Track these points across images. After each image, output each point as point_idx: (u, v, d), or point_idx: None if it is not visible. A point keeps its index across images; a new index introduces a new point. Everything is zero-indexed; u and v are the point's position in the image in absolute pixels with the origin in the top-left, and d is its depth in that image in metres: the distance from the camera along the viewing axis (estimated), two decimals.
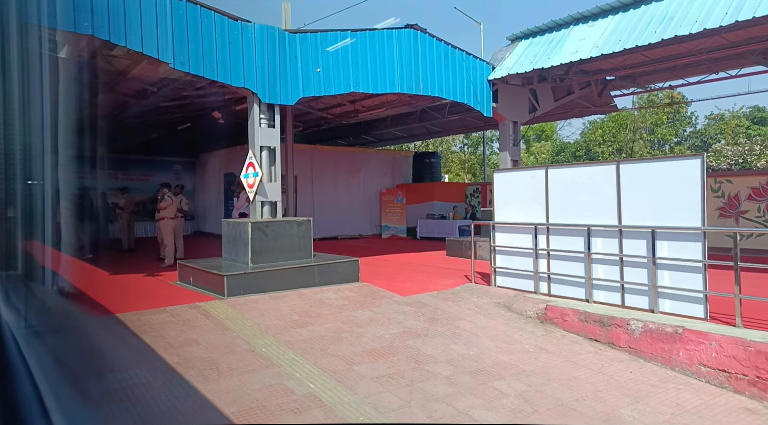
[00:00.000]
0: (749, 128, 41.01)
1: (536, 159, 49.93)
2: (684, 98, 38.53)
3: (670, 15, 7.85)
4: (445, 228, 16.17)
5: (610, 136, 44.10)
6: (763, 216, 10.67)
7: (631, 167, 5.67)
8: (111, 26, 6.42)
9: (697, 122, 47.51)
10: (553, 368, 4.76)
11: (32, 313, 1.74)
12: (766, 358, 4.21)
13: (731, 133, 39.27)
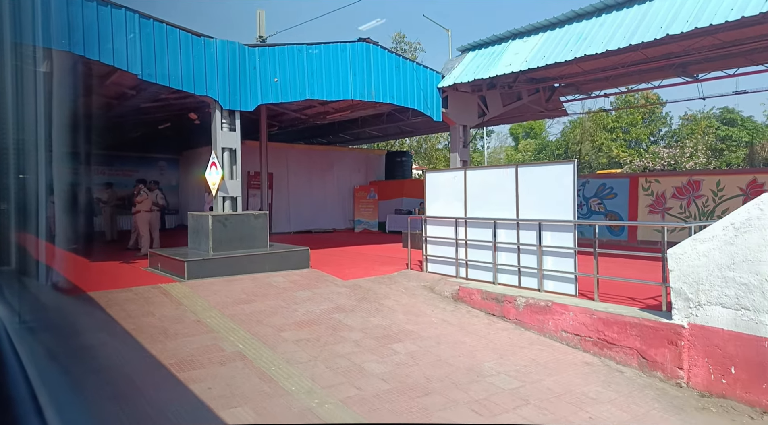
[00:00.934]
0: (719, 129, 42.47)
1: (523, 156, 51.23)
2: (659, 99, 39.82)
3: (584, 35, 8.82)
4: (412, 223, 17.11)
5: (587, 135, 45.29)
6: (684, 212, 11.74)
7: (527, 170, 6.65)
8: (85, 43, 7.25)
9: (671, 122, 48.89)
10: (446, 334, 5.74)
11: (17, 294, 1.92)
12: (604, 324, 5.22)
13: (701, 133, 40.68)
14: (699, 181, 11.64)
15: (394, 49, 39.73)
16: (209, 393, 4.00)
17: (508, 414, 3.95)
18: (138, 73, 7.73)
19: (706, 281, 4.48)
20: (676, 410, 4.19)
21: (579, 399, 4.30)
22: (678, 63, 10.86)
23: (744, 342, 4.24)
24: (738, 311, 4.29)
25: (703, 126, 41.04)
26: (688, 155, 28.00)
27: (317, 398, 4.05)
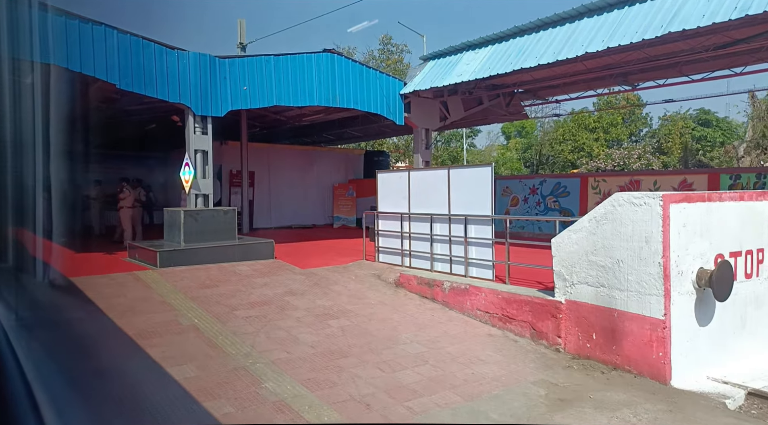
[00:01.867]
0: (694, 129, 43.63)
1: (512, 154, 52.33)
2: (639, 100, 40.88)
3: (524, 50, 9.70)
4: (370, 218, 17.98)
5: (569, 135, 46.30)
6: None
7: (456, 172, 7.53)
8: (68, 56, 8.03)
9: (651, 123, 50.01)
10: (379, 313, 6.61)
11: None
12: (507, 302, 6.11)
13: (678, 134, 41.86)
14: (639, 180, 12.58)
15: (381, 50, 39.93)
16: (162, 355, 4.85)
17: (406, 371, 4.83)
18: (116, 82, 8.53)
19: (577, 264, 5.38)
20: (546, 368, 5.09)
21: (470, 360, 5.19)
22: (618, 73, 11.77)
23: (601, 313, 5.15)
24: (598, 288, 5.19)
25: (679, 126, 42.20)
26: (636, 156, 29.38)
27: (251, 359, 4.91)
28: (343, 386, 4.44)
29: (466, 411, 4.09)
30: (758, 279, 5.57)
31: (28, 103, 2.05)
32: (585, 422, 3.91)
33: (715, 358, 5.09)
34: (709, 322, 5.08)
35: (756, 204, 5.53)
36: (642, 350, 4.84)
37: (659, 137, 45.94)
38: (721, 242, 5.14)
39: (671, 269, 4.70)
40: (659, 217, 4.68)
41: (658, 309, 4.71)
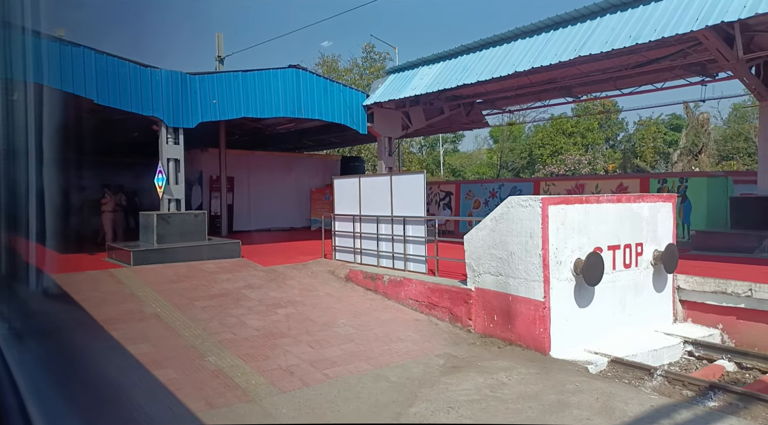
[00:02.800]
0: (666, 133, 45.12)
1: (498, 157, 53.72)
2: (615, 105, 42.21)
3: (467, 67, 10.64)
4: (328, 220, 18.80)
5: (548, 139, 47.56)
6: None
7: (397, 178, 8.41)
8: (50, 75, 8.79)
9: (627, 127, 51.47)
10: (323, 303, 7.46)
11: None
12: (432, 291, 6.99)
13: (651, 138, 43.29)
14: (583, 184, 13.57)
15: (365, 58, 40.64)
16: (124, 336, 5.65)
17: (332, 348, 5.67)
18: (94, 98, 9.31)
19: (482, 257, 6.28)
20: (454, 345, 5.97)
21: (391, 339, 6.05)
22: (561, 86, 12.76)
23: (500, 297, 6.04)
24: (497, 277, 6.09)
25: (652, 131, 43.65)
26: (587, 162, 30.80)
27: (201, 339, 5.74)
28: (275, 359, 5.28)
29: (371, 375, 4.95)
30: (637, 269, 6.51)
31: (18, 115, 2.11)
32: (465, 382, 4.78)
33: (597, 334, 5.99)
34: (589, 304, 6.00)
35: (634, 205, 6.47)
36: (528, 327, 5.74)
37: (634, 141, 47.41)
38: (599, 237, 6.06)
39: (550, 259, 5.61)
40: (539, 217, 5.59)
41: (540, 292, 5.62)
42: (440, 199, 17.96)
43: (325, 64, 38.24)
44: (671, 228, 6.96)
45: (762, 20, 7.80)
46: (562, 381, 4.83)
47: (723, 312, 6.63)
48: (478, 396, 4.48)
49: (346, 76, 37.43)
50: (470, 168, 52.51)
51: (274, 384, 4.66)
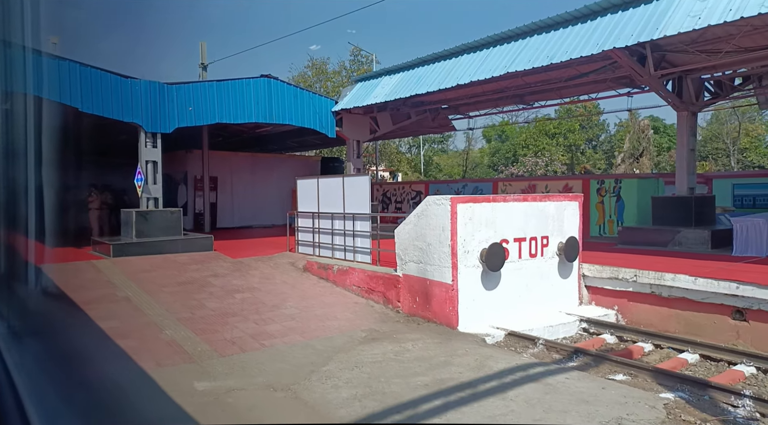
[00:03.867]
0: None
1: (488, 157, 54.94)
2: (596, 107, 43.31)
3: (421, 78, 11.58)
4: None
5: (531, 140, 48.66)
6: None
7: (348, 179, 9.34)
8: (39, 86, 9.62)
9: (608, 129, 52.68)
10: (278, 289, 8.38)
11: None
12: (370, 278, 7.93)
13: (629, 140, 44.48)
14: (535, 185, 14.56)
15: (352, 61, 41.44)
16: (97, 315, 6.54)
17: (274, 324, 6.60)
18: (79, 106, 10.15)
19: (407, 248, 7.23)
20: (381, 322, 6.92)
21: (328, 318, 6.99)
22: (514, 94, 13.72)
23: (420, 282, 6.99)
24: (419, 264, 7.04)
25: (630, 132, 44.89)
26: (545, 164, 32.12)
27: (162, 317, 6.65)
28: (222, 333, 6.21)
29: (301, 344, 5.88)
30: (543, 258, 7.48)
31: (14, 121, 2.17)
32: (376, 349, 5.72)
33: (504, 313, 6.96)
34: (496, 287, 6.96)
35: (540, 203, 7.44)
36: (441, 306, 6.70)
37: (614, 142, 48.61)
38: (505, 230, 7.02)
39: (458, 249, 6.56)
40: (449, 213, 6.54)
41: (449, 277, 6.57)
42: (411, 197, 18.92)
43: (314, 67, 39.00)
44: (577, 223, 7.93)
45: (670, 41, 8.77)
46: (456, 348, 5.79)
47: (617, 295, 7.63)
48: (382, 358, 5.43)
49: (335, 79, 38.27)
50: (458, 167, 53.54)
51: (216, 351, 5.59)
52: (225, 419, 4.07)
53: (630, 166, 22.57)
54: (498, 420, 3.90)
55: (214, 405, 4.32)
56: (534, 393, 4.42)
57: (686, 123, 10.49)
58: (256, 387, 4.70)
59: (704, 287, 6.60)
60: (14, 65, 2.37)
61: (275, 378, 4.87)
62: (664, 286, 7.01)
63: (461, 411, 4.05)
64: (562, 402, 4.23)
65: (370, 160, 41.83)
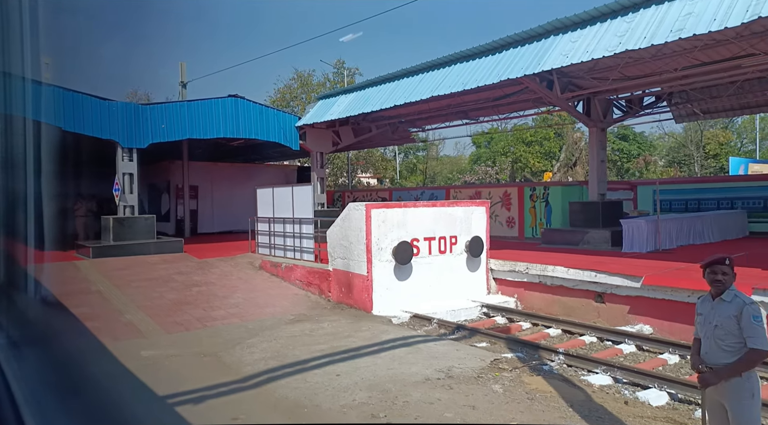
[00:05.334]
0: (614, 142, 48.07)
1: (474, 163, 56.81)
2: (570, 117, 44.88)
3: (368, 98, 12.88)
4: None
5: (507, 148, 50.21)
6: None
7: (296, 188, 10.59)
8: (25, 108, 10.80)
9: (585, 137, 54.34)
10: (232, 283, 9.57)
11: None
12: (309, 273, 9.16)
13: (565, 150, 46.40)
14: (480, 191, 15.89)
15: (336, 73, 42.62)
16: (71, 303, 7.68)
17: (220, 311, 7.79)
18: (62, 125, 11.31)
19: (336, 246, 8.47)
20: (311, 309, 8.14)
21: (267, 306, 8.20)
22: (459, 110, 15.08)
23: (345, 274, 8.23)
24: (344, 260, 8.28)
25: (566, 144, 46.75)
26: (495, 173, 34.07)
27: (125, 305, 7.82)
28: (174, 317, 7.40)
29: (236, 325, 7.09)
30: (452, 254, 8.75)
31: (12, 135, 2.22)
32: (297, 327, 6.93)
33: (416, 300, 8.19)
34: (408, 278, 8.21)
35: (449, 209, 8.72)
36: (359, 294, 7.94)
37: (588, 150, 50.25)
38: (416, 231, 8.29)
39: (372, 246, 7.81)
40: (364, 217, 7.80)
41: (365, 270, 7.82)
42: None
43: (299, 79, 40.29)
44: (484, 225, 9.22)
45: (571, 69, 10.12)
46: (362, 326, 7.02)
47: (516, 285, 8.91)
48: (299, 334, 6.65)
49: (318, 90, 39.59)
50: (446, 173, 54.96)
51: (164, 330, 6.78)
52: (158, 374, 5.26)
53: (564, 174, 24.05)
54: (359, 367, 5.14)
55: (153, 365, 5.52)
56: (401, 353, 5.67)
57: (596, 138, 11.87)
58: (189, 354, 5.90)
59: (574, 276, 7.90)
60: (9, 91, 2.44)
61: (206, 348, 6.08)
62: (547, 276, 8.31)
63: (336, 364, 5.29)
64: (417, 357, 5.48)
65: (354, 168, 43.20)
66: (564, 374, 5.25)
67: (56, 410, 1.69)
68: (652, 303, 7.02)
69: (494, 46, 9.74)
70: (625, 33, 7.38)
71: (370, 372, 5.07)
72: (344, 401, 4.37)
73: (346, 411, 4.17)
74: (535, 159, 48.79)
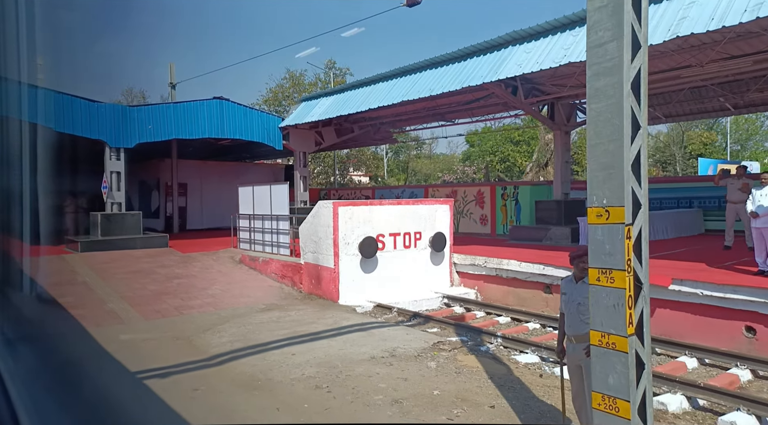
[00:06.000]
0: None
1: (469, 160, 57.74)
2: None
3: (346, 101, 13.41)
4: None
5: (496, 147, 50.85)
6: None
7: (274, 187, 11.12)
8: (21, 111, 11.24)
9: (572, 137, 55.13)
10: (211, 276, 10.09)
11: None
12: (284, 266, 9.70)
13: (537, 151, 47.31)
14: (456, 190, 16.48)
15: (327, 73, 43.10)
16: (58, 293, 8.19)
17: (197, 300, 8.31)
18: (53, 126, 11.74)
19: (307, 241, 9.02)
20: (283, 299, 8.68)
21: (242, 295, 8.73)
22: (436, 112, 15.63)
23: (315, 267, 8.79)
24: (314, 254, 8.83)
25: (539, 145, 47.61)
26: (473, 172, 35.06)
27: (109, 295, 8.32)
28: (153, 306, 7.92)
29: (211, 313, 7.62)
30: (416, 249, 9.32)
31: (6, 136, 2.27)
32: (266, 315, 7.48)
33: (381, 291, 8.75)
34: (374, 271, 8.78)
35: (413, 206, 9.29)
36: (328, 286, 8.50)
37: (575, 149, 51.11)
38: (382, 227, 8.85)
39: (339, 241, 8.37)
40: (332, 214, 8.35)
41: (333, 263, 8.37)
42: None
43: (292, 79, 40.66)
44: (447, 221, 9.79)
45: (534, 76, 10.68)
46: (327, 314, 7.58)
47: (477, 277, 9.51)
48: (267, 321, 7.20)
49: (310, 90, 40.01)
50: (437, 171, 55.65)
51: (143, 317, 7.31)
52: (133, 354, 5.79)
53: (536, 174, 24.76)
54: (315, 348, 5.70)
55: (130, 347, 6.05)
56: (355, 337, 6.24)
57: (560, 140, 12.48)
58: (164, 338, 6.44)
59: (526, 269, 8.50)
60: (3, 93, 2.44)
61: (180, 333, 6.61)
62: (503, 269, 8.90)
63: (295, 346, 5.85)
64: (369, 340, 6.05)
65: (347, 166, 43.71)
66: (497, 354, 5.84)
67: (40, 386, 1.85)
68: None
69: (459, 55, 10.30)
70: (570, 46, 7.96)
71: (323, 352, 5.63)
72: (294, 375, 4.93)
73: (294, 383, 4.74)
74: (523, 158, 49.56)
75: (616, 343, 2.50)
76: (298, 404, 4.28)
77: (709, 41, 8.14)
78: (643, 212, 2.57)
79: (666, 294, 6.64)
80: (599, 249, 2.59)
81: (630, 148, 2.50)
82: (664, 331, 6.66)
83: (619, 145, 2.50)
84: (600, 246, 2.59)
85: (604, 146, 2.57)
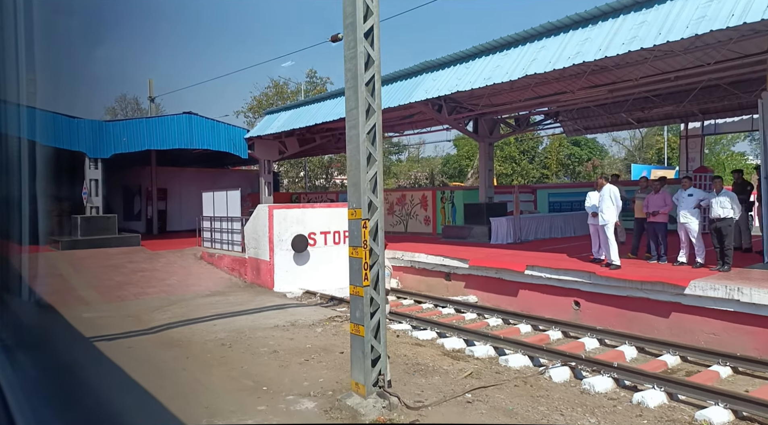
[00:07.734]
0: (567, 147, 50.82)
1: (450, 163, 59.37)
2: None
3: (300, 115, 14.87)
4: None
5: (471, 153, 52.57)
6: (401, 213, 18.03)
7: (229, 192, 12.53)
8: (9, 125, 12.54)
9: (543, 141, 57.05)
10: (172, 270, 11.47)
11: None
12: (234, 261, 11.12)
13: (555, 150, 48.92)
14: (405, 194, 17.99)
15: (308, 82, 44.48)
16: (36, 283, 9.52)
17: (154, 288, 9.69)
18: (38, 139, 13.02)
19: (249, 238, 10.45)
20: (228, 287, 10.10)
21: (193, 285, 10.13)
22: (387, 124, 17.14)
23: (256, 261, 10.22)
24: (255, 249, 10.27)
25: (556, 146, 49.26)
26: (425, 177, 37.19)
27: (80, 285, 9.68)
28: (115, 292, 9.29)
29: (162, 297, 9.01)
30: (345, 245, 10.78)
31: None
32: (208, 300, 8.88)
33: (313, 281, 10.19)
34: (306, 263, 10.22)
35: (340, 209, 10.76)
36: (265, 276, 9.93)
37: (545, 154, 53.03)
38: (314, 226, 10.30)
39: (274, 239, 9.81)
40: (267, 215, 9.79)
41: (269, 257, 9.81)
42: None
43: (276, 87, 41.99)
44: None
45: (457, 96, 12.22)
46: (259, 298, 9.01)
47: (398, 269, 10.99)
48: (207, 303, 8.61)
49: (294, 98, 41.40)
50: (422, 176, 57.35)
51: (105, 300, 8.69)
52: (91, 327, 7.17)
53: (477, 179, 26.54)
54: (234, 321, 7.13)
55: (89, 322, 7.43)
56: (271, 313, 7.68)
57: (484, 151, 14.06)
58: (118, 316, 7.83)
59: (432, 260, 10.01)
60: None
61: (132, 312, 8.01)
62: (415, 261, 10.41)
63: (219, 320, 7.28)
64: (281, 315, 7.50)
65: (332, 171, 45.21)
66: None
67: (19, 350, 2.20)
68: (477, 279, 9.16)
69: (389, 78, 11.81)
70: (462, 76, 9.50)
71: (239, 324, 7.07)
72: (209, 338, 6.36)
73: (206, 342, 6.17)
74: (497, 162, 51.29)
75: (359, 292, 3.99)
76: (203, 354, 5.72)
77: (578, 72, 9.74)
78: (379, 212, 4.06)
79: (523, 278, 8.18)
80: (352, 234, 4.08)
81: (367, 173, 3.99)
82: (524, 307, 8.20)
83: (360, 171, 3.99)
84: (352, 232, 4.08)
85: (353, 171, 4.06)
